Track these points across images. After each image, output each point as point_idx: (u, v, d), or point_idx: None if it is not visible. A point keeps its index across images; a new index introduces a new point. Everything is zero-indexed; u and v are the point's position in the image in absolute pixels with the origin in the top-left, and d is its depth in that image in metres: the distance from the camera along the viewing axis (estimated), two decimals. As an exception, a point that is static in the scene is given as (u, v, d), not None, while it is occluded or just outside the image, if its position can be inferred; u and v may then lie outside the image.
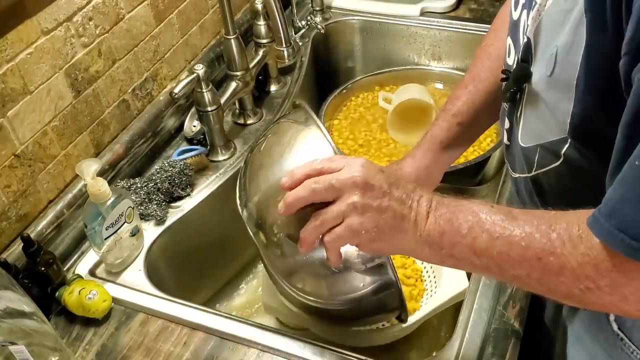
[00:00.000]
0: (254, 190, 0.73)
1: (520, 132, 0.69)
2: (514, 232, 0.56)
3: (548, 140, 0.64)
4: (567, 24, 0.56)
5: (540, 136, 0.65)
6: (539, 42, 0.62)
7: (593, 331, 0.74)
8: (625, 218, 0.48)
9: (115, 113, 1.03)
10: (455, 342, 0.79)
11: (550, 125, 0.62)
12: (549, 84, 0.60)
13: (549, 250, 0.54)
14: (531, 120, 0.67)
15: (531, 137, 0.67)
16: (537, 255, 0.54)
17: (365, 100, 1.37)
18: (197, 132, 1.12)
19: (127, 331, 0.84)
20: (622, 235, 0.48)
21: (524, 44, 0.65)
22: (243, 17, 1.34)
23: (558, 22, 0.57)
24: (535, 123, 0.66)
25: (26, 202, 0.88)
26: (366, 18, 1.43)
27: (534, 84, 0.63)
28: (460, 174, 1.11)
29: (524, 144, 0.69)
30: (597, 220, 0.51)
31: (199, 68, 1.03)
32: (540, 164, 0.67)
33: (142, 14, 1.04)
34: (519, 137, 0.70)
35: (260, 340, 0.80)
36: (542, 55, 0.61)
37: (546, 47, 0.60)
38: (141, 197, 0.99)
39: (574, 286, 0.53)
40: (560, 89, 0.58)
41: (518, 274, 0.56)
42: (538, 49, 0.63)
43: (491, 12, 1.40)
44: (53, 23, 0.87)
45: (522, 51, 0.66)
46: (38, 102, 0.87)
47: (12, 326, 0.69)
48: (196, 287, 1.07)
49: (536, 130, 0.66)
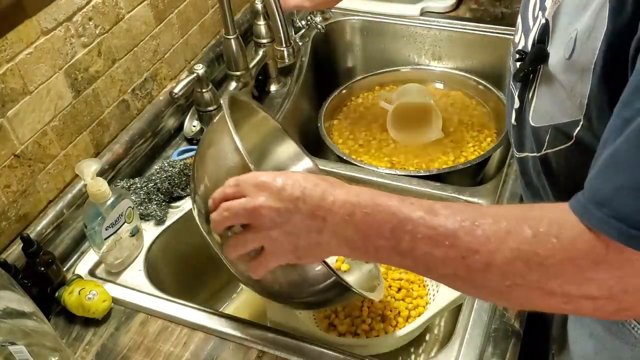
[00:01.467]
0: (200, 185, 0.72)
1: (531, 112, 0.70)
2: (437, 230, 0.54)
3: (561, 121, 0.63)
4: (590, 8, 0.56)
5: (553, 117, 0.65)
6: (558, 24, 0.62)
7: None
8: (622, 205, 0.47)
9: (115, 113, 1.03)
10: (455, 342, 0.79)
11: (564, 107, 0.62)
12: (567, 67, 0.60)
13: (474, 249, 0.52)
14: (544, 101, 0.67)
15: (543, 117, 0.67)
16: (462, 254, 0.53)
17: (365, 100, 1.37)
18: (197, 132, 1.12)
19: (127, 331, 0.84)
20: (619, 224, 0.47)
21: (542, 25, 0.65)
22: (243, 17, 1.34)
23: (580, 6, 0.58)
24: (549, 104, 0.66)
25: (26, 202, 0.88)
26: (366, 18, 1.43)
27: (551, 66, 0.63)
28: (460, 174, 1.11)
29: (535, 123, 0.69)
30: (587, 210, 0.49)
31: (199, 68, 1.03)
32: (551, 143, 0.67)
33: (142, 14, 1.04)
34: (529, 117, 0.70)
35: (260, 340, 0.80)
36: (561, 37, 0.62)
37: (565, 30, 0.60)
38: (141, 197, 0.99)
39: (501, 283, 0.52)
40: (578, 72, 0.58)
41: (444, 273, 0.56)
42: (556, 31, 0.63)
43: (491, 12, 1.40)
44: (53, 23, 0.87)
45: (539, 32, 0.66)
46: (38, 102, 0.87)
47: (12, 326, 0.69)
48: (196, 287, 1.07)
49: (549, 111, 0.66)
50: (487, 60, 1.35)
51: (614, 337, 0.72)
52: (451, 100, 1.33)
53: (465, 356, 0.77)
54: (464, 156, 1.18)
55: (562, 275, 0.50)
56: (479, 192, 1.04)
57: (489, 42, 1.34)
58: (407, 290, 0.97)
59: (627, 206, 0.47)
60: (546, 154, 0.69)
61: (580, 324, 0.77)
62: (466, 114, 1.29)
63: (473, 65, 1.37)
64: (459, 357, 0.77)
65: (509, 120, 0.78)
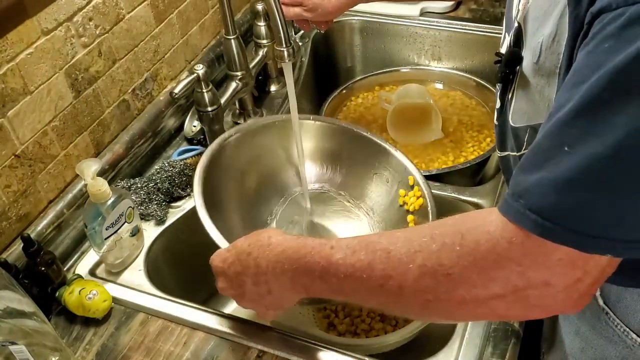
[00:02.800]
0: None
1: (511, 112, 0.71)
2: (354, 266, 0.57)
3: (536, 122, 0.65)
4: (553, 14, 0.56)
5: (530, 118, 0.66)
6: (527, 29, 0.64)
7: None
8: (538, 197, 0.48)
9: (116, 113, 1.03)
10: (455, 342, 0.79)
11: (537, 108, 0.64)
12: (535, 71, 0.62)
13: (388, 275, 0.55)
14: (521, 102, 0.68)
15: (521, 117, 0.69)
16: (379, 282, 0.56)
17: (365, 100, 1.37)
18: (197, 132, 1.12)
19: (127, 331, 0.84)
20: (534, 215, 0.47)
21: (516, 29, 0.67)
22: (243, 18, 1.34)
23: (545, 12, 0.58)
24: (525, 105, 0.67)
25: (26, 202, 0.88)
26: (366, 18, 1.43)
27: (524, 69, 0.65)
28: (460, 174, 1.11)
29: (514, 123, 0.71)
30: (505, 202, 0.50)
31: (199, 68, 1.03)
32: (529, 143, 0.68)
33: (142, 14, 1.04)
34: (509, 117, 0.71)
35: (260, 340, 0.80)
36: (530, 42, 0.63)
37: (534, 35, 0.62)
38: (141, 197, 0.99)
39: (419, 298, 0.54)
40: (545, 76, 0.60)
41: (373, 304, 0.59)
42: (527, 35, 0.64)
43: (491, 12, 1.40)
44: (53, 23, 0.87)
45: (513, 36, 0.68)
46: (38, 102, 0.87)
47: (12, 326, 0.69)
48: (196, 287, 1.07)
49: (526, 111, 0.67)
50: (486, 60, 1.35)
51: (598, 336, 0.72)
52: (451, 100, 1.33)
53: (465, 356, 0.77)
54: (463, 156, 1.18)
55: (468, 281, 0.51)
56: (478, 192, 1.04)
57: (489, 42, 1.34)
58: None
59: (543, 198, 0.47)
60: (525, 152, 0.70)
61: (567, 322, 0.78)
62: (466, 114, 1.29)
63: (473, 65, 1.37)
64: (459, 357, 0.77)
65: (493, 120, 0.80)
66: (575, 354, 0.77)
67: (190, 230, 1.02)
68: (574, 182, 0.45)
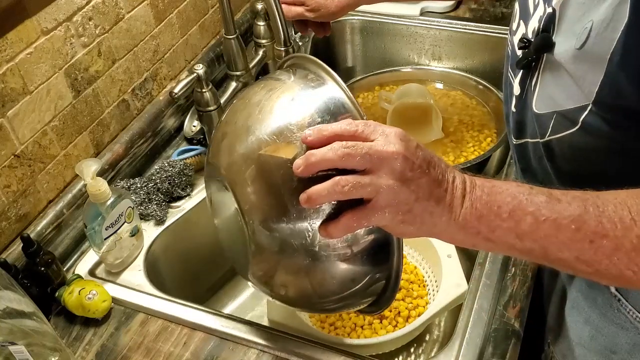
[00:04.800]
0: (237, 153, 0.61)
1: (535, 99, 0.70)
2: (562, 214, 0.54)
3: (566, 107, 0.64)
4: (607, 0, 0.56)
5: (558, 104, 0.65)
6: (567, 14, 0.63)
7: (591, 296, 0.75)
8: None
9: (115, 113, 1.03)
10: (455, 342, 0.79)
11: (570, 94, 0.63)
12: (577, 56, 0.60)
13: (602, 233, 0.53)
14: (549, 88, 0.67)
15: (547, 104, 0.68)
16: (589, 237, 0.53)
17: (365, 100, 1.37)
18: (197, 132, 1.12)
19: (127, 331, 0.84)
20: None
21: (548, 15, 0.66)
22: (243, 17, 1.34)
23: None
24: (554, 91, 0.66)
25: (26, 202, 0.88)
26: (366, 18, 1.43)
27: (557, 55, 0.64)
28: (461, 174, 1.11)
29: (538, 110, 0.69)
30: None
31: (199, 68, 1.03)
32: (555, 129, 0.67)
33: (142, 14, 1.04)
34: (533, 104, 0.70)
35: (260, 340, 0.80)
36: (570, 27, 0.62)
37: (577, 21, 0.61)
38: (141, 197, 0.99)
39: (627, 268, 0.53)
40: (590, 62, 0.58)
41: (565, 257, 0.55)
42: (564, 20, 0.63)
43: (491, 12, 1.40)
44: (53, 23, 0.87)
45: (544, 21, 0.66)
46: (38, 102, 0.87)
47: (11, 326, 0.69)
48: (196, 287, 1.07)
49: (554, 97, 0.66)
50: (487, 60, 1.35)
51: (609, 323, 0.73)
52: (451, 100, 1.33)
53: (465, 356, 0.77)
54: (464, 156, 1.18)
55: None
56: (479, 192, 1.04)
57: (489, 42, 1.34)
58: (407, 290, 0.97)
59: None
60: (550, 140, 0.69)
61: (576, 311, 0.78)
62: (466, 114, 1.29)
63: (473, 65, 1.37)
64: (459, 357, 0.77)
65: (508, 107, 0.79)
66: (585, 342, 0.77)
67: (190, 230, 1.02)
68: None
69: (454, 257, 0.92)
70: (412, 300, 0.96)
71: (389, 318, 0.94)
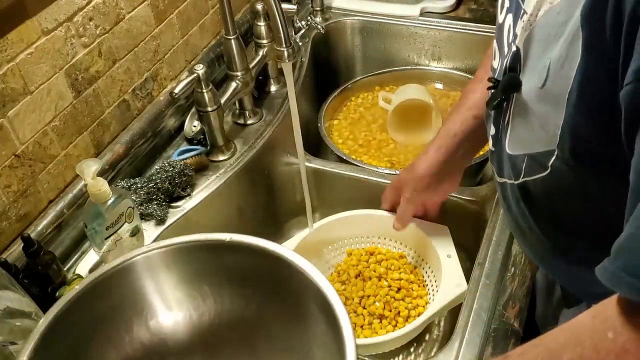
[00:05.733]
0: None
1: (507, 140, 0.68)
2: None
3: (536, 150, 0.63)
4: (562, 37, 0.54)
5: (528, 146, 0.64)
6: (530, 52, 0.61)
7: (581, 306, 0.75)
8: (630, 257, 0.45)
9: (116, 113, 1.03)
10: (455, 342, 0.79)
11: (538, 136, 0.61)
12: (540, 96, 0.59)
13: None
14: (519, 129, 0.66)
15: (519, 145, 0.67)
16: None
17: (365, 100, 1.37)
18: (197, 132, 1.12)
19: (127, 331, 0.84)
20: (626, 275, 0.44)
21: (513, 53, 0.64)
22: (243, 18, 1.34)
23: (551, 35, 0.56)
24: (523, 132, 0.65)
25: (26, 202, 0.88)
26: (366, 18, 1.43)
27: (524, 94, 0.62)
28: (460, 174, 1.11)
29: (511, 151, 0.68)
30: (603, 265, 0.48)
31: (199, 68, 1.03)
32: (527, 172, 0.66)
33: (142, 14, 1.04)
34: (506, 145, 0.69)
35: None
36: (534, 66, 0.60)
37: (539, 59, 0.59)
38: (141, 197, 0.99)
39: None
40: (551, 102, 0.57)
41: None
42: (529, 59, 0.61)
43: (491, 12, 1.40)
44: (53, 23, 0.87)
45: (509, 60, 0.65)
46: (38, 102, 0.87)
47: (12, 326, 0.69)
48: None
49: (524, 139, 0.65)
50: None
51: None
52: (451, 100, 1.33)
53: (464, 356, 0.77)
54: (463, 156, 1.18)
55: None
56: (478, 192, 1.04)
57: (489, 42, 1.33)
58: (407, 290, 0.97)
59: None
60: (524, 182, 0.67)
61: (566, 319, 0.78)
62: (466, 114, 1.29)
63: (473, 66, 1.37)
64: (459, 357, 0.77)
65: (489, 145, 0.77)
66: None
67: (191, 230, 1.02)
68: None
69: (453, 257, 0.92)
70: (411, 300, 0.96)
71: (389, 318, 0.94)
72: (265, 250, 0.70)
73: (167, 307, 0.74)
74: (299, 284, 0.68)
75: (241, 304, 0.74)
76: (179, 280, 0.74)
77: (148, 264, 0.73)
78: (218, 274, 0.74)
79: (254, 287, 0.73)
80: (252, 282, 0.73)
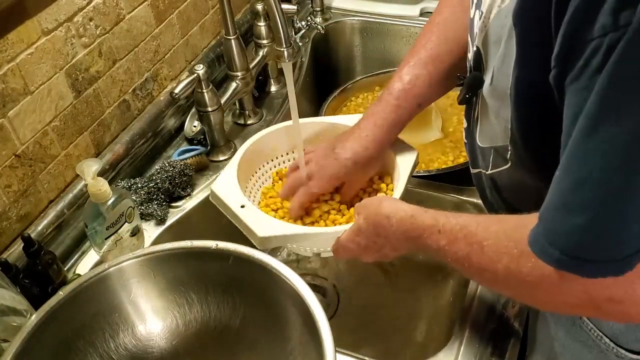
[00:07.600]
0: None
1: (478, 133, 0.72)
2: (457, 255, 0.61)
3: (497, 144, 0.67)
4: (503, 37, 0.57)
5: (493, 139, 0.68)
6: (487, 52, 0.64)
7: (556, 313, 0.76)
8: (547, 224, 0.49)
9: (116, 113, 1.03)
10: (455, 342, 0.79)
11: (497, 131, 0.65)
12: (491, 93, 0.63)
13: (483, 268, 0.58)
14: (485, 123, 0.69)
15: (486, 139, 0.70)
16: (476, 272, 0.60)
17: (365, 100, 1.37)
18: (198, 132, 1.13)
19: (127, 331, 0.84)
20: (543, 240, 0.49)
21: (475, 52, 0.67)
22: (243, 18, 1.34)
23: (499, 35, 0.59)
24: (488, 127, 0.68)
25: (27, 202, 0.88)
26: (366, 18, 1.43)
27: (483, 91, 0.66)
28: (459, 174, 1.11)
29: (481, 144, 0.72)
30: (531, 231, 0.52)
31: (199, 68, 1.03)
32: (494, 164, 0.70)
33: (142, 15, 1.04)
34: (477, 137, 0.73)
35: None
36: (490, 65, 0.63)
37: (492, 58, 0.62)
38: (141, 197, 0.99)
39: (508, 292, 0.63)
40: (500, 99, 0.60)
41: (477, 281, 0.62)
42: (487, 58, 0.64)
43: (491, 12, 1.40)
44: (53, 23, 0.87)
45: (473, 59, 0.68)
46: (39, 102, 0.87)
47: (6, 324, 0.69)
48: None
49: (489, 133, 0.69)
50: (486, 61, 1.35)
51: (574, 340, 0.73)
52: (451, 100, 1.33)
53: (464, 356, 0.77)
54: (463, 156, 1.18)
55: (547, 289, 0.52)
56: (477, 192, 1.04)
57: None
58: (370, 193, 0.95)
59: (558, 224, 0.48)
60: (493, 173, 0.71)
61: (545, 326, 0.78)
62: (466, 114, 1.29)
63: (473, 66, 1.37)
64: (459, 357, 0.77)
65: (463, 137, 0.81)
66: (554, 357, 0.78)
67: (191, 230, 1.02)
68: None
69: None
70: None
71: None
72: (250, 258, 0.71)
73: (154, 313, 0.75)
74: (282, 292, 0.69)
75: (227, 311, 0.75)
76: (166, 287, 0.75)
77: (135, 271, 0.74)
78: (204, 281, 0.75)
79: (240, 295, 0.74)
80: (238, 290, 0.74)
